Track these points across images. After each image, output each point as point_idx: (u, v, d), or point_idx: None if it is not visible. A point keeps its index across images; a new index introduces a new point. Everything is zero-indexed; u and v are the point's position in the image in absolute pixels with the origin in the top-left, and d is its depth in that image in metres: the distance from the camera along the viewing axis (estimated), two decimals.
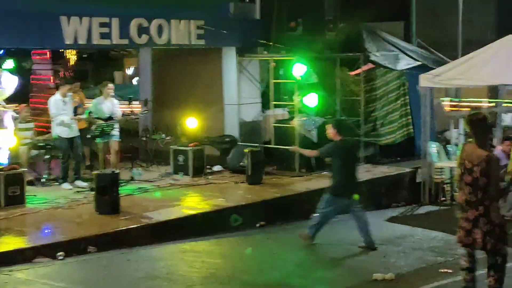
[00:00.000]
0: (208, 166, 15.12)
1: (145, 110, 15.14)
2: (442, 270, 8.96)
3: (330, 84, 16.20)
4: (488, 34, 26.00)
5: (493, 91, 23.27)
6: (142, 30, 13.95)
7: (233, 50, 15.94)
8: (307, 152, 11.18)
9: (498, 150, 13.14)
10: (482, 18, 28.42)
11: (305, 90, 14.54)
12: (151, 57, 17.67)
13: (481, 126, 6.91)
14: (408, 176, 15.22)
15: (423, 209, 14.09)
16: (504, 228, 6.90)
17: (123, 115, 14.36)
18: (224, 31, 14.91)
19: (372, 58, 16.38)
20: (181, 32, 14.53)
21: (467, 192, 6.83)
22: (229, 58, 16.06)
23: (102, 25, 13.34)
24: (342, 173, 10.08)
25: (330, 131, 10.09)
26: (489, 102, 25.40)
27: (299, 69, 14.43)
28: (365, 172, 15.12)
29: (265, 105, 16.23)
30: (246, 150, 14.16)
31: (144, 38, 14.03)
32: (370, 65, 16.78)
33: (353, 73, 17.12)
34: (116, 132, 13.78)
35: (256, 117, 16.25)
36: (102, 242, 10.14)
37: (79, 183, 13.28)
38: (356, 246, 10.44)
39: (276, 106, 15.79)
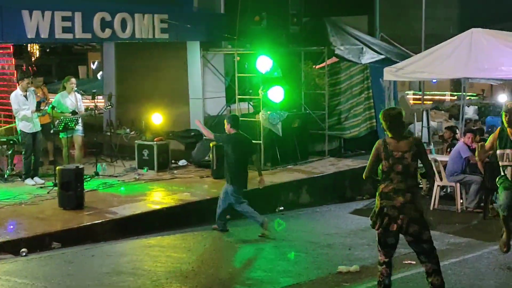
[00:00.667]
0: (173, 161, 15.09)
1: (109, 105, 15.01)
2: (406, 262, 9.04)
3: (294, 78, 16.26)
4: (450, 28, 26.34)
5: (456, 84, 23.61)
6: (105, 24, 13.84)
7: (197, 44, 15.90)
8: (206, 132, 11.68)
9: (461, 142, 13.29)
10: (445, 13, 28.79)
11: (270, 84, 14.55)
12: (115, 52, 17.57)
13: (396, 120, 7.19)
14: None
15: None
16: (424, 215, 7.18)
17: (87, 109, 14.24)
18: (188, 25, 14.87)
19: (337, 51, 16.46)
20: (145, 26, 14.45)
21: (396, 182, 7.05)
22: (194, 52, 16.02)
23: (65, 19, 13.21)
24: (233, 164, 10.73)
25: (226, 126, 10.95)
26: (452, 95, 25.83)
27: (263, 63, 14.43)
28: (329, 166, 15.25)
29: (230, 99, 16.22)
30: (211, 145, 14.15)
31: (108, 32, 13.92)
32: (334, 59, 16.87)
33: (318, 66, 17.20)
34: (79, 127, 13.67)
35: (221, 111, 16.23)
36: (66, 238, 10.06)
37: (37, 179, 13.16)
38: (320, 239, 10.53)
39: (241, 100, 15.77)
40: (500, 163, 8.82)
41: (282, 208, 12.95)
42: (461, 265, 8.90)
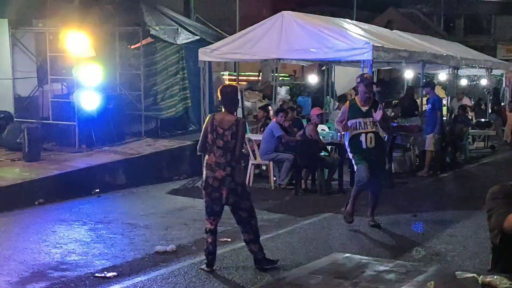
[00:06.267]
0: None
1: None
2: (221, 239, 9.22)
3: (109, 58, 15.99)
4: (263, 10, 26.99)
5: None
6: None
7: (5, 22, 15.20)
8: None
9: (273, 121, 13.69)
10: None
11: (84, 63, 14.23)
12: None
13: (230, 96, 7.76)
14: (188, 149, 15.45)
15: None
16: (245, 188, 7.87)
17: None
18: None
19: (152, 32, 16.39)
20: None
21: (218, 155, 7.56)
22: (1, 30, 15.30)
23: None
24: None
25: None
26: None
27: (76, 43, 14.07)
28: (146, 146, 15.19)
29: (42, 80, 15.69)
30: (22, 127, 13.63)
31: None
32: (149, 39, 16.77)
33: (133, 47, 17.03)
34: None
35: (33, 92, 15.66)
36: None
37: None
38: (138, 220, 10.49)
39: (54, 80, 15.30)
40: (354, 132, 9.56)
41: (98, 190, 12.75)
42: (274, 240, 9.20)
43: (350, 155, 9.89)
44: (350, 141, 9.77)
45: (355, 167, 9.84)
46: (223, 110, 7.75)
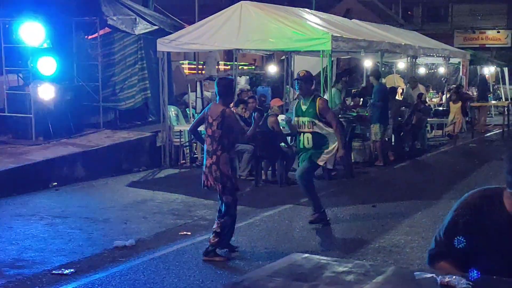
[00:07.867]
0: None
1: None
2: (181, 233, 9.18)
3: (66, 49, 15.74)
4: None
5: (229, 55, 24.22)
6: None
7: None
8: None
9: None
10: None
11: (40, 54, 13.99)
12: None
13: (226, 88, 8.04)
14: (148, 141, 15.33)
15: (163, 173, 14.33)
16: (231, 180, 7.96)
17: None
18: None
19: (109, 22, 16.18)
20: None
21: (208, 143, 7.96)
22: None
23: None
24: None
25: None
26: (225, 65, 26.40)
27: (32, 33, 13.82)
28: (105, 138, 15.02)
29: None
30: None
31: None
32: (107, 29, 16.57)
33: (90, 37, 16.80)
34: None
35: None
36: None
37: None
38: (96, 214, 10.36)
39: (9, 71, 15.01)
40: (299, 130, 9.55)
41: (56, 183, 12.57)
42: (234, 234, 9.13)
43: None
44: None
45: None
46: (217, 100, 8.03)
